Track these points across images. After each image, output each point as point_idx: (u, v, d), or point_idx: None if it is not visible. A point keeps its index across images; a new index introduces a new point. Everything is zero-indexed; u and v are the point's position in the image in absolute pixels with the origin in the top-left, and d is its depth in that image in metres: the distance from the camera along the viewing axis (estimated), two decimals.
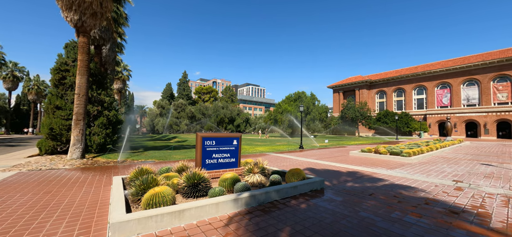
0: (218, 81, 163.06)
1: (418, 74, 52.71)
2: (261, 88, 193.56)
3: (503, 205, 5.14)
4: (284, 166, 10.08)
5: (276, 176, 5.92)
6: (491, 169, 9.84)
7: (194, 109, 70.87)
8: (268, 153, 15.69)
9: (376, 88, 61.27)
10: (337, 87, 67.65)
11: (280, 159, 12.53)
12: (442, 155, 14.66)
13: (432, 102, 50.96)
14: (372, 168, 9.66)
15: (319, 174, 8.32)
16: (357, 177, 7.95)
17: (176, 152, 16.03)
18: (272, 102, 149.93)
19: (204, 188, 5.02)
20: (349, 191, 6.10)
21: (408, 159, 11.92)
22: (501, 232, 3.79)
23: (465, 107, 46.28)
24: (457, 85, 47.52)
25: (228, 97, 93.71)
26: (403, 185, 6.88)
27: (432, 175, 8.46)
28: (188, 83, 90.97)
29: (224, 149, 6.51)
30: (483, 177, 8.26)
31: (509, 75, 41.54)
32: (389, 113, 50.58)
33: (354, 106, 53.33)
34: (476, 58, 46.98)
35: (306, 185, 5.82)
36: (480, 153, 16.28)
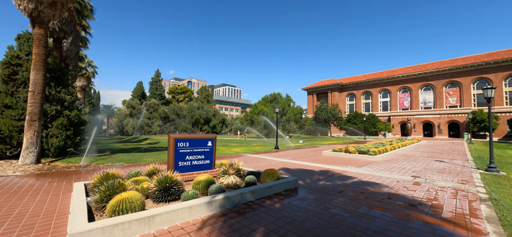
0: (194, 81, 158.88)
1: (383, 79, 57.04)
2: (238, 88, 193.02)
3: (452, 197, 5.78)
4: (259, 167, 10.16)
5: (251, 177, 5.93)
6: (444, 165, 11.01)
7: (167, 110, 68.07)
8: (244, 154, 15.68)
9: (347, 91, 64.89)
10: (311, 89, 70.22)
11: (255, 160, 12.60)
12: (403, 153, 16.02)
13: (395, 104, 55.53)
14: (343, 167, 10.19)
15: (294, 174, 8.54)
16: (329, 175, 8.32)
17: (147, 154, 15.23)
18: (249, 103, 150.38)
19: (176, 192, 4.84)
20: (321, 189, 6.35)
21: (374, 158, 12.81)
22: (451, 221, 4.25)
23: (422, 110, 51.24)
24: (416, 90, 52.45)
25: (203, 97, 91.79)
26: (370, 182, 7.37)
27: (394, 171, 9.19)
28: (161, 82, 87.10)
29: (198, 150, 6.35)
30: (437, 172, 9.21)
31: (458, 81, 47.02)
32: (358, 114, 53.90)
33: (326, 108, 55.83)
34: (432, 65, 52.32)
35: (280, 185, 5.93)
36: (434, 151, 18.12)
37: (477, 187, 6.86)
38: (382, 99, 58.73)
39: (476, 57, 47.51)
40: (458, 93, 47.33)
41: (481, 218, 4.44)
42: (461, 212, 4.72)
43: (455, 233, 3.76)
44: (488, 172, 9.34)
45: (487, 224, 4.14)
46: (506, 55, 42.82)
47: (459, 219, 4.34)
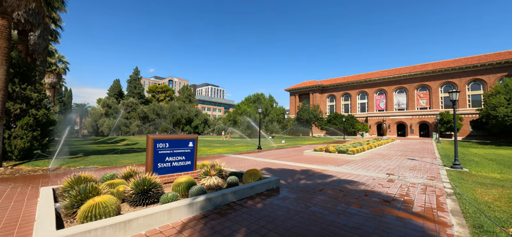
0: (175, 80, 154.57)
1: (361, 82, 59.71)
2: (221, 88, 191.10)
3: (422, 193, 6.19)
4: (242, 167, 10.13)
5: (233, 177, 5.90)
6: (415, 163, 11.77)
7: (147, 109, 65.55)
8: (226, 154, 15.56)
9: (327, 92, 66.99)
10: (294, 90, 71.51)
11: (238, 160, 12.55)
12: (379, 152, 16.88)
13: (372, 106, 58.38)
14: (323, 166, 10.49)
15: (276, 174, 8.63)
16: (310, 174, 8.52)
17: (124, 156, 14.54)
18: (232, 103, 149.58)
19: (155, 195, 4.67)
20: (302, 188, 6.49)
21: (352, 157, 13.34)
22: (420, 215, 4.55)
23: (396, 111, 54.39)
24: (391, 92, 55.58)
25: (185, 97, 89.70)
26: (348, 180, 7.66)
27: (371, 169, 9.65)
28: (140, 80, 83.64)
29: (178, 151, 6.18)
30: (409, 169, 9.81)
31: (428, 85, 50.57)
32: (338, 115, 55.87)
33: (308, 109, 57.19)
34: (405, 70, 55.75)
35: (262, 185, 5.96)
36: (407, 150, 19.31)
37: (444, 183, 7.42)
38: (360, 101, 61.38)
39: (443, 63, 51.39)
40: (428, 96, 50.88)
41: (446, 211, 4.80)
42: (429, 207, 5.07)
43: (424, 226, 4.03)
44: (453, 168, 10.15)
45: (451, 217, 4.49)
46: (468, 62, 46.85)
47: (427, 213, 4.66)
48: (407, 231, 3.82)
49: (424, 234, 3.72)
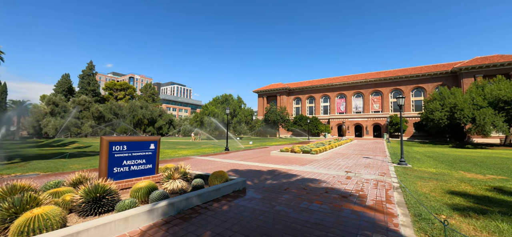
0: (137, 77, 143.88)
1: (324, 86, 63.70)
2: (187, 88, 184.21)
3: (374, 187, 6.85)
4: (208, 169, 9.91)
5: (198, 180, 5.72)
6: (369, 161, 12.96)
7: (103, 108, 59.61)
8: (192, 156, 15.04)
9: (294, 95, 69.78)
10: (262, 92, 72.72)
11: (204, 162, 12.24)
12: (339, 152, 18.18)
13: (334, 109, 62.71)
14: (288, 166, 10.86)
15: (243, 175, 8.64)
16: (276, 174, 8.74)
17: (73, 160, 12.99)
18: (199, 104, 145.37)
19: (110, 202, 4.27)
20: (268, 188, 6.62)
21: (315, 156, 14.11)
22: (372, 208, 5.02)
23: (354, 114, 59.38)
24: (350, 96, 60.49)
25: (148, 95, 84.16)
26: (311, 178, 8.07)
27: (331, 168, 10.32)
28: (95, 76, 75.72)
29: (138, 154, 5.76)
30: (364, 167, 10.77)
31: (381, 91, 56.39)
32: (303, 117, 58.61)
33: (275, 110, 58.74)
34: (362, 76, 61.25)
35: (229, 187, 5.91)
36: (362, 149, 21.18)
37: (392, 178, 8.32)
38: (323, 104, 65.35)
39: (393, 72, 57.83)
40: (381, 100, 56.70)
41: (393, 203, 5.39)
42: (380, 200, 5.63)
43: (375, 218, 4.45)
44: (400, 165, 11.46)
45: (397, 208, 5.05)
46: (413, 72, 53.59)
47: (378, 206, 5.17)
48: (361, 223, 4.18)
49: (375, 225, 4.11)
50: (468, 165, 12.94)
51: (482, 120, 28.65)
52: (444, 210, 4.97)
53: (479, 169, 11.56)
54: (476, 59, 46.63)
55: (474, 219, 4.48)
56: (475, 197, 6.15)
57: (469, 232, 3.93)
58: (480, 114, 29.07)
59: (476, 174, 9.98)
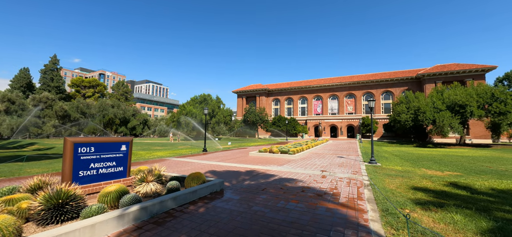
0: (108, 74, 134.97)
1: (302, 88, 65.52)
2: (164, 87, 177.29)
3: (347, 185, 7.19)
4: (185, 171, 9.63)
5: (174, 182, 5.53)
6: (343, 160, 13.58)
7: (68, 107, 54.97)
8: (168, 158, 14.50)
9: (273, 96, 70.73)
10: (241, 93, 72.58)
11: (181, 164, 11.87)
12: (315, 152, 18.80)
13: (311, 110, 64.76)
14: (266, 166, 10.97)
15: (221, 176, 8.54)
16: (254, 175, 8.78)
17: (32, 164, 11.80)
18: (176, 103, 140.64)
19: (74, 209, 3.95)
20: (246, 189, 6.62)
21: (293, 156, 14.43)
22: (345, 205, 5.27)
23: (330, 115, 61.92)
24: (326, 98, 62.96)
25: (121, 94, 79.43)
26: (288, 178, 8.23)
27: (308, 167, 10.63)
28: (60, 71, 69.58)
29: (107, 156, 5.40)
30: (338, 166, 11.26)
31: (354, 94, 59.52)
32: (282, 118, 59.68)
33: (255, 111, 59.01)
34: (337, 80, 64.08)
35: (206, 188, 5.80)
36: (337, 149, 22.14)
37: (363, 176, 8.81)
38: (301, 105, 67.14)
39: (365, 76, 61.34)
40: (354, 103, 59.82)
41: (364, 199, 5.71)
42: (352, 197, 5.93)
43: (347, 214, 4.68)
44: (370, 164, 12.18)
45: (367, 204, 5.36)
46: (382, 76, 57.34)
47: (350, 203, 5.44)
48: (334, 220, 4.36)
49: (347, 221, 4.32)
50: (429, 163, 14.18)
51: (441, 122, 31.60)
52: (408, 205, 5.39)
53: (438, 166, 12.72)
54: (437, 67, 51.32)
55: (433, 212, 4.92)
56: (434, 192, 6.75)
57: (429, 224, 4.30)
58: (439, 117, 32.03)
59: (435, 171, 10.97)
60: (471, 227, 4.15)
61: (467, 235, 3.87)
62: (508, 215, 4.90)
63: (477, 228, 4.12)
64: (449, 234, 3.92)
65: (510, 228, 4.10)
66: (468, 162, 14.99)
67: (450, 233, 3.94)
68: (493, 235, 3.83)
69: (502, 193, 6.88)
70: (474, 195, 6.55)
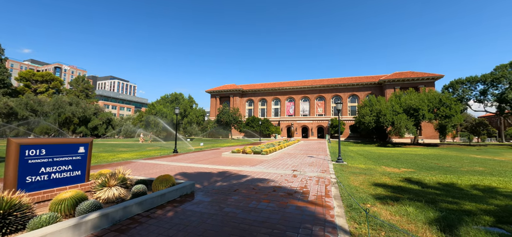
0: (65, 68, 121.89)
1: (275, 89, 66.89)
2: (131, 84, 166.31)
3: (316, 184, 7.52)
4: (153, 174, 9.14)
5: (140, 186, 5.21)
6: (313, 160, 14.17)
7: (15, 103, 48.34)
8: (134, 160, 13.62)
9: (247, 96, 70.95)
10: (215, 93, 71.43)
11: (149, 166, 11.24)
12: (287, 152, 19.32)
13: (284, 111, 66.44)
14: (239, 167, 10.95)
15: (192, 178, 8.29)
16: (226, 176, 8.69)
17: None
18: (145, 102, 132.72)
19: (20, 220, 3.50)
20: (218, 190, 6.52)
21: (265, 157, 14.63)
22: (313, 202, 5.50)
23: (302, 116, 64.23)
24: (298, 100, 65.18)
25: (80, 90, 72.47)
26: (261, 178, 8.32)
27: (280, 167, 10.87)
28: (5, 62, 60.82)
29: (62, 159, 4.87)
30: (308, 165, 11.71)
31: (324, 96, 62.63)
32: (255, 118, 60.19)
33: (228, 111, 58.50)
34: (309, 82, 66.79)
35: (175, 191, 5.57)
36: (308, 149, 23.03)
37: (330, 174, 9.30)
38: (274, 106, 68.47)
39: (334, 80, 64.90)
40: (324, 105, 62.91)
41: (331, 197, 6.03)
42: (320, 195, 6.21)
43: (315, 211, 4.89)
44: (337, 163, 12.91)
45: (334, 201, 5.67)
46: (349, 81, 61.27)
47: (318, 200, 5.70)
48: (303, 217, 4.52)
49: (315, 218, 4.51)
50: (388, 161, 15.53)
51: (399, 124, 34.89)
52: (369, 200, 5.83)
53: (395, 164, 14.00)
54: (396, 74, 56.51)
55: (390, 205, 5.39)
56: (392, 187, 7.41)
57: (386, 217, 4.71)
58: (397, 119, 35.33)
59: (393, 168, 12.06)
60: (421, 217, 4.64)
61: (417, 225, 4.32)
62: (451, 206, 5.60)
63: (426, 218, 4.62)
64: (403, 225, 4.33)
65: (451, 216, 4.69)
66: (420, 160, 16.77)
67: (404, 224, 4.36)
68: (439, 223, 4.34)
69: (446, 186, 7.84)
70: (424, 189, 7.35)
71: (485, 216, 4.88)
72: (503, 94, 37.72)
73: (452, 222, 4.42)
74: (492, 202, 6.05)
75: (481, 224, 4.48)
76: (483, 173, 11.34)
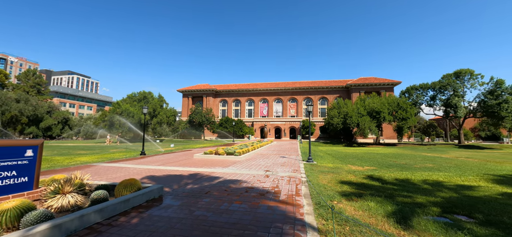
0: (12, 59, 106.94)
1: (249, 90, 67.19)
2: (94, 81, 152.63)
3: (287, 183, 7.71)
4: (117, 178, 8.49)
5: (100, 192, 4.79)
6: (285, 160, 14.51)
7: None
8: (95, 163, 12.51)
9: (220, 97, 70.03)
10: (187, 92, 69.13)
11: (113, 170, 10.42)
12: (261, 152, 19.51)
13: (257, 112, 67.04)
14: (211, 168, 10.73)
15: (160, 181, 7.88)
16: (197, 178, 8.45)
17: None
18: (109, 100, 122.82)
19: None
20: (188, 193, 6.30)
21: (239, 158, 14.58)
22: (284, 201, 5.62)
23: (275, 117, 65.51)
24: (272, 102, 66.36)
25: (31, 85, 64.18)
26: (233, 179, 8.26)
27: (253, 168, 10.92)
28: None
29: (4, 164, 4.25)
30: (280, 165, 11.96)
31: (296, 98, 64.73)
32: (229, 119, 59.68)
33: (201, 112, 57.02)
34: (282, 84, 68.40)
35: (141, 196, 5.24)
36: (280, 150, 23.54)
37: (301, 173, 9.62)
38: (248, 107, 68.70)
39: (305, 83, 67.48)
40: (296, 106, 65.00)
41: (301, 195, 6.23)
42: (291, 194, 6.38)
43: (286, 210, 5.01)
44: (308, 162, 13.42)
45: (304, 199, 5.87)
46: (320, 84, 64.28)
47: (289, 199, 5.84)
48: (274, 217, 4.60)
49: (286, 217, 4.62)
50: (353, 160, 16.61)
51: (363, 125, 37.60)
52: (336, 197, 6.16)
53: (360, 162, 15.02)
54: (361, 79, 60.81)
55: (354, 201, 5.76)
56: (356, 184, 7.94)
57: (351, 212, 5.02)
58: (362, 121, 38.02)
59: (358, 167, 12.92)
60: (381, 211, 5.05)
61: (378, 218, 4.69)
62: (406, 199, 6.18)
63: (384, 211, 5.04)
64: (365, 219, 4.66)
65: (406, 209, 5.18)
66: (381, 158, 18.26)
67: (366, 218, 4.69)
68: (395, 216, 4.76)
69: (402, 182, 8.65)
70: (384, 185, 8.01)
71: (433, 207, 5.49)
72: (448, 100, 42.98)
73: (406, 214, 4.89)
74: (439, 194, 6.84)
75: (430, 214, 5.03)
76: (432, 169, 12.76)
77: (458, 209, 5.43)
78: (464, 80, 43.33)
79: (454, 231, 4.12)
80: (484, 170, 12.28)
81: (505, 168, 12.95)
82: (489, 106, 37.99)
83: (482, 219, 4.82)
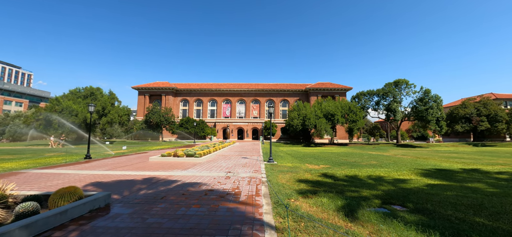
0: None
1: (212, 90, 65.79)
2: (24, 71, 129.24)
3: (248, 184, 7.76)
4: (53, 186, 7.33)
5: (28, 204, 4.07)
6: (246, 161, 14.61)
7: None
8: (24, 170, 10.59)
9: (181, 96, 66.84)
10: (144, 90, 64.06)
11: (47, 177, 8.96)
12: (223, 154, 19.26)
13: (220, 113, 66.07)
14: (169, 171, 10.14)
15: (108, 188, 7.10)
16: (153, 182, 7.88)
17: None
18: (46, 96, 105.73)
19: None
20: (141, 199, 5.82)
21: (199, 159, 14.11)
22: (244, 202, 5.64)
23: (238, 118, 65.54)
24: (235, 102, 66.22)
25: None
26: (192, 182, 7.94)
27: (214, 170, 10.69)
28: None
29: None
30: (242, 166, 11.99)
31: (259, 100, 65.92)
32: (190, 120, 57.39)
33: (159, 111, 53.46)
34: (245, 86, 68.84)
35: (83, 206, 4.63)
36: (243, 150, 23.63)
37: (262, 174, 9.81)
38: (210, 107, 67.20)
39: (268, 85, 69.28)
40: (259, 108, 66.20)
41: (261, 195, 6.34)
42: (251, 194, 6.44)
43: (246, 210, 5.03)
44: (269, 162, 13.76)
45: (263, 199, 5.98)
46: (282, 87, 66.78)
47: (249, 200, 5.89)
48: (234, 218, 4.57)
49: (245, 218, 4.63)
50: (311, 159, 17.67)
51: (320, 127, 40.40)
52: (293, 195, 6.45)
53: (316, 161, 16.06)
54: (318, 84, 65.30)
55: (310, 198, 6.12)
56: (312, 182, 8.45)
57: (306, 209, 5.31)
58: (319, 123, 40.82)
59: (314, 165, 13.80)
60: (332, 206, 5.47)
61: (329, 213, 5.07)
62: (353, 194, 6.83)
63: (335, 206, 5.48)
64: (318, 214, 4.99)
65: (353, 203, 5.72)
66: (334, 157, 19.86)
67: (319, 214, 5.02)
68: (344, 210, 5.22)
69: (351, 178, 9.54)
70: (336, 182, 8.71)
71: (375, 200, 6.19)
72: (389, 105, 49.37)
73: (353, 207, 5.41)
74: (380, 188, 7.75)
75: (372, 206, 5.66)
76: (376, 166, 14.43)
77: (394, 200, 6.24)
78: (401, 89, 50.23)
79: (391, 219, 4.72)
80: (415, 165, 14.41)
81: (430, 163, 15.42)
82: (419, 111, 44.90)
83: (412, 208, 5.64)
